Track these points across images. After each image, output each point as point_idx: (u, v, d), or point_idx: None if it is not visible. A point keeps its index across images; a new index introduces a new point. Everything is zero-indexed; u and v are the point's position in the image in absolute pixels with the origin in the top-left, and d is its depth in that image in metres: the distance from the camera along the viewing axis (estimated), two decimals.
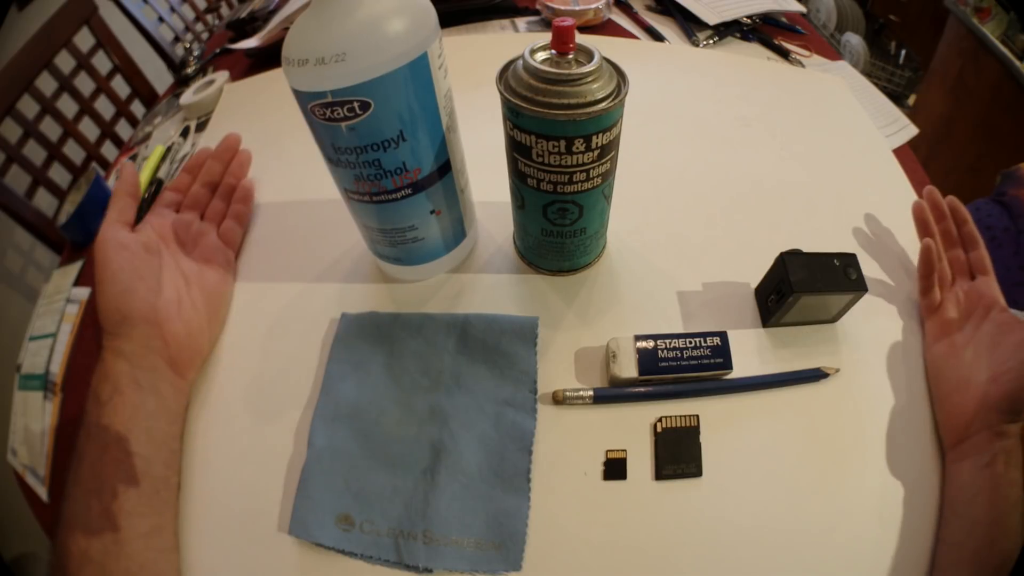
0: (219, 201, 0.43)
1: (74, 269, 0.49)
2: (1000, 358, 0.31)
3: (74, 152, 0.94)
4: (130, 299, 0.33)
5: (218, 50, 0.70)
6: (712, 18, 0.63)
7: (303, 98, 0.26)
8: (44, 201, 0.88)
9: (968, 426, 0.30)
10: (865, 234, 0.42)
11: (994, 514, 0.28)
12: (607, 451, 0.31)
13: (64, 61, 0.91)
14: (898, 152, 0.49)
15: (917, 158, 0.50)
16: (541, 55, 0.28)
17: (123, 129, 1.01)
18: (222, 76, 0.62)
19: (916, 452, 0.31)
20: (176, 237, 0.39)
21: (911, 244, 0.40)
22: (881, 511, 0.29)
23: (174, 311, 0.34)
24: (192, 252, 0.39)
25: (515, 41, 0.63)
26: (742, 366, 0.34)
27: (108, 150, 1.00)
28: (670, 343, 0.32)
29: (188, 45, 0.73)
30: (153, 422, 0.31)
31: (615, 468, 0.31)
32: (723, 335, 0.33)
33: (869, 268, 0.39)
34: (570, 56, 0.27)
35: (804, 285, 0.32)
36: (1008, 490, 0.28)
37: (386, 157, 0.29)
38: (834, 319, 0.35)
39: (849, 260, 0.33)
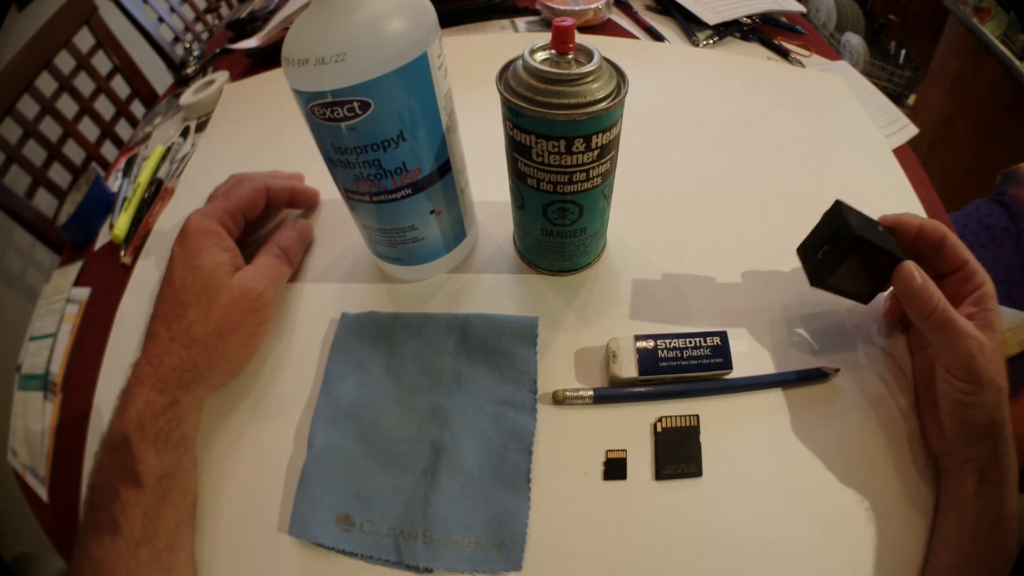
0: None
1: (74, 269, 0.49)
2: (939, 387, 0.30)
3: (74, 152, 0.94)
4: (253, 351, 0.34)
5: (218, 50, 0.70)
6: (712, 18, 0.63)
7: (303, 98, 0.26)
8: (44, 201, 0.89)
9: (939, 444, 0.30)
10: None
11: (966, 532, 0.27)
12: (607, 451, 0.31)
13: (64, 61, 0.91)
14: (898, 152, 0.49)
15: (917, 158, 0.50)
16: (541, 55, 0.28)
17: (123, 129, 1.02)
18: (222, 76, 0.62)
19: (916, 453, 0.31)
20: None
21: None
22: (880, 511, 0.29)
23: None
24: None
25: (515, 41, 0.63)
26: (742, 366, 0.33)
27: (108, 150, 1.00)
28: (670, 343, 0.32)
29: (188, 45, 0.73)
30: (198, 452, 0.32)
31: (615, 468, 0.31)
32: (723, 335, 0.33)
33: None
34: (570, 56, 0.27)
35: (863, 230, 0.30)
36: (982, 508, 0.27)
37: (386, 157, 0.29)
38: (867, 298, 0.34)
39: (888, 230, 0.32)
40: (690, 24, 0.65)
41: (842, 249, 0.30)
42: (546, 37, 0.27)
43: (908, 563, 0.28)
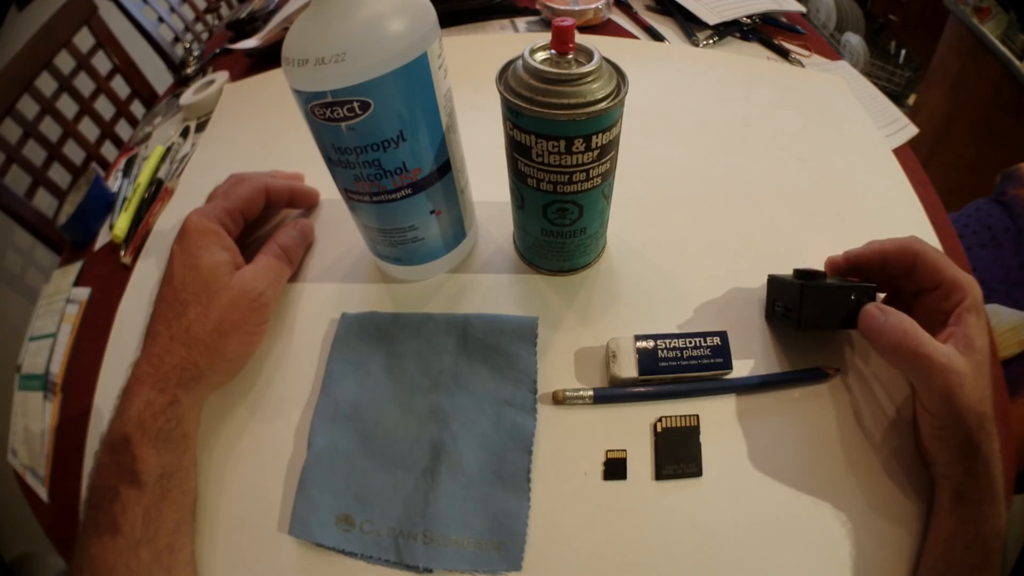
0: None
1: (74, 269, 0.49)
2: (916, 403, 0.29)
3: (74, 152, 0.94)
4: (252, 350, 0.34)
5: (218, 50, 0.70)
6: (712, 18, 0.63)
7: (303, 98, 0.26)
8: (44, 201, 0.89)
9: (924, 455, 0.30)
10: (864, 234, 0.41)
11: (940, 549, 0.27)
12: (607, 451, 0.31)
13: (64, 61, 0.91)
14: (898, 152, 0.49)
15: (917, 158, 0.50)
16: (541, 55, 0.28)
17: (123, 129, 1.02)
18: (222, 76, 0.62)
19: (916, 455, 0.31)
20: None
21: None
22: (881, 512, 0.29)
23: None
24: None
25: (515, 41, 0.63)
26: (742, 366, 0.34)
27: (108, 150, 1.00)
28: (670, 343, 0.32)
29: (188, 45, 0.73)
30: (198, 452, 0.32)
31: (615, 468, 0.31)
32: (723, 335, 0.33)
33: None
34: (570, 56, 0.27)
35: (812, 322, 0.31)
36: (955, 527, 0.27)
37: (386, 157, 0.29)
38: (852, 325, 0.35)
39: (866, 293, 0.31)
40: (690, 24, 0.64)
41: (790, 323, 0.32)
42: (546, 37, 0.27)
43: (910, 564, 0.28)
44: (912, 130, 0.53)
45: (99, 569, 0.26)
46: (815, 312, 0.31)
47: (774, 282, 0.35)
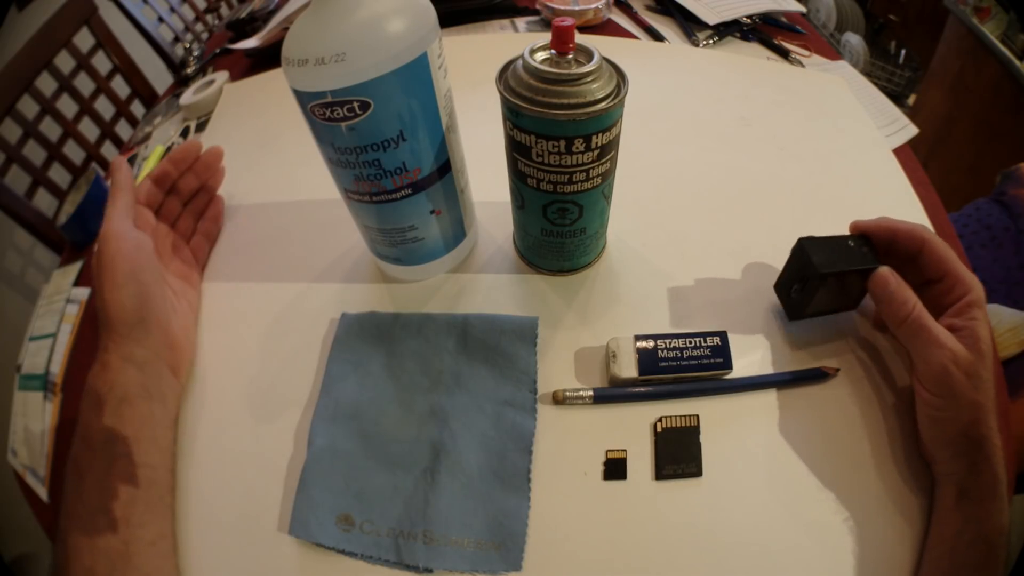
0: (189, 217, 0.43)
1: (74, 269, 0.49)
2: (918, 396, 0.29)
3: (74, 152, 0.94)
4: (148, 301, 0.32)
5: (218, 50, 0.70)
6: (712, 18, 0.63)
7: (303, 98, 0.26)
8: (44, 201, 0.89)
9: (925, 453, 0.30)
10: None
11: (945, 546, 0.27)
12: (607, 451, 0.31)
13: (64, 61, 0.91)
14: (898, 152, 0.49)
15: (917, 158, 0.50)
16: (541, 55, 0.28)
17: (123, 129, 1.01)
18: (222, 76, 0.62)
19: (917, 454, 0.31)
20: (156, 246, 0.37)
21: None
22: (881, 512, 0.29)
23: (173, 315, 0.35)
24: (170, 265, 0.39)
25: (515, 41, 0.63)
26: (742, 366, 0.33)
27: (108, 150, 1.00)
28: (670, 343, 0.32)
29: (188, 45, 0.73)
30: (160, 430, 0.31)
31: (615, 468, 0.31)
32: (723, 335, 0.33)
33: None
34: (570, 56, 0.27)
35: (827, 265, 0.31)
36: (960, 524, 0.26)
37: (386, 157, 0.29)
38: (855, 303, 0.35)
39: (862, 239, 0.33)
40: (690, 24, 0.65)
41: (811, 287, 0.32)
42: (546, 37, 0.27)
43: (910, 564, 0.28)
44: (912, 130, 0.53)
45: (67, 539, 0.27)
46: (825, 258, 0.31)
47: (778, 284, 0.36)
